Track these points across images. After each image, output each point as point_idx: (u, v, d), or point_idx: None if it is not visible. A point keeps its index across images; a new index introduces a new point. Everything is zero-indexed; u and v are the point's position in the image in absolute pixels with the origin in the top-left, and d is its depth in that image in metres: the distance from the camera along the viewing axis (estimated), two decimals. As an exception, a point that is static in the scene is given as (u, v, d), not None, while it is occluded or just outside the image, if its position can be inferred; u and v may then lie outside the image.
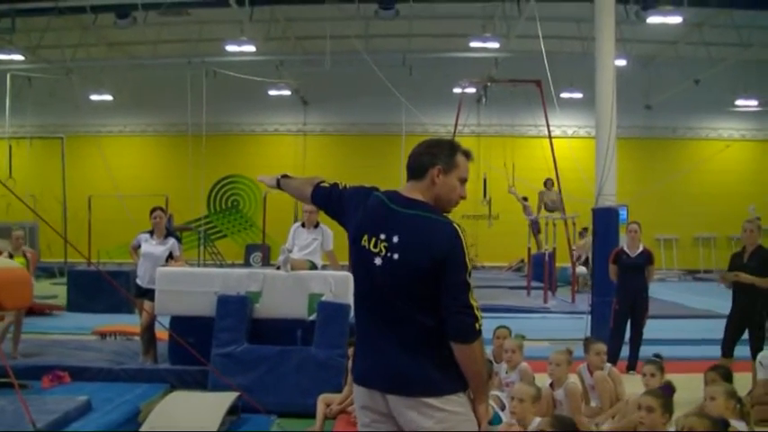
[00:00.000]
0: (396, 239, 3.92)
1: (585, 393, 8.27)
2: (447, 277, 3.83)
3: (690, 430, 5.13)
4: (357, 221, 4.12)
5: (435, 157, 4.04)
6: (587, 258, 22.45)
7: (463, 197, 4.13)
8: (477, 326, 3.86)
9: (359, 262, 4.09)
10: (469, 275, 3.88)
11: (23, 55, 29.50)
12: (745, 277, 9.46)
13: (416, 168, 4.08)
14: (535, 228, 24.75)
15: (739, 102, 32.27)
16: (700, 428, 5.10)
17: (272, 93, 33.46)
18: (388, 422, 3.96)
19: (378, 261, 3.95)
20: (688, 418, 5.29)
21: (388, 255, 3.92)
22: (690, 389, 7.66)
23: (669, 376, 7.39)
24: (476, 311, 3.86)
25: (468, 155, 4.13)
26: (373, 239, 3.99)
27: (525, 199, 26.53)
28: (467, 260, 3.88)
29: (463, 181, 4.10)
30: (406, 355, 3.86)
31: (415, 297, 3.87)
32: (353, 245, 4.12)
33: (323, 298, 9.88)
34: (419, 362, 3.85)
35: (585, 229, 22.50)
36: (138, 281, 11.07)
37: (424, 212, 3.97)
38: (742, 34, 28.36)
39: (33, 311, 16.07)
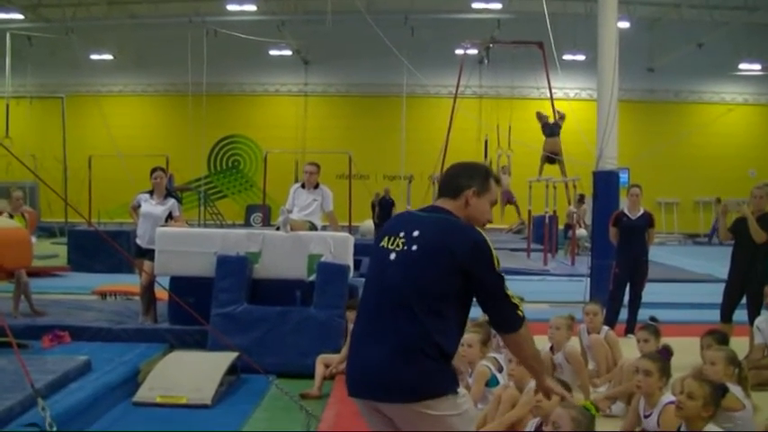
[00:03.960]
0: (416, 234, 3.95)
1: (584, 354, 8.28)
2: (480, 281, 3.89)
3: (689, 395, 5.13)
4: (380, 233, 4.18)
5: (471, 179, 4.12)
6: (583, 222, 22.56)
7: (490, 220, 4.23)
8: (519, 313, 3.97)
9: (373, 263, 4.13)
10: (498, 265, 3.94)
11: (23, 14, 29.37)
12: (747, 212, 9.43)
13: (451, 188, 4.15)
14: (505, 197, 24.96)
15: (743, 66, 32.20)
16: (699, 393, 5.11)
17: (273, 53, 33.38)
18: (387, 421, 3.97)
19: (392, 256, 3.97)
20: (686, 382, 5.29)
21: (405, 248, 3.94)
22: (687, 352, 7.67)
23: (667, 340, 7.38)
24: (513, 300, 3.96)
25: (498, 180, 4.26)
26: (392, 238, 4.03)
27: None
28: (495, 259, 3.92)
29: (492, 204, 4.21)
30: (399, 361, 3.81)
31: (424, 293, 3.84)
32: (372, 252, 4.18)
33: (322, 259, 9.88)
34: (412, 367, 3.80)
35: (583, 196, 22.55)
36: (138, 241, 11.04)
37: (449, 216, 4.04)
38: (747, -3, 28.23)
39: (39, 274, 16.11)
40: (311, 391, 8.26)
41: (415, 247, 3.92)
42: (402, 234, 3.99)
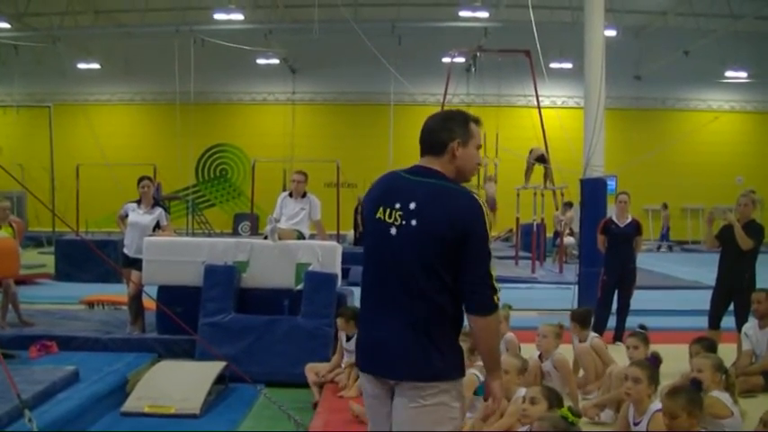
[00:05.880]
0: (413, 206, 3.86)
1: (575, 363, 8.30)
2: (470, 249, 3.80)
3: (671, 415, 5.19)
4: (372, 198, 4.07)
5: (452, 131, 4.01)
6: (570, 229, 22.57)
7: (479, 163, 4.20)
8: (495, 298, 3.86)
9: (373, 236, 4.03)
10: (490, 236, 3.88)
11: (9, 23, 29.23)
12: (733, 220, 9.48)
13: (434, 144, 4.03)
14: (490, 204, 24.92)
15: (729, 73, 32.26)
16: (677, 409, 5.18)
17: (261, 61, 33.32)
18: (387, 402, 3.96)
19: (393, 231, 3.89)
20: (663, 401, 5.37)
21: (404, 222, 3.86)
22: (676, 359, 7.69)
23: (656, 347, 7.41)
24: (494, 283, 3.86)
25: (477, 122, 4.14)
26: (388, 210, 3.93)
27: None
28: (488, 230, 3.85)
29: (478, 148, 4.13)
30: (412, 336, 3.79)
31: (430, 269, 3.81)
32: (368, 222, 4.06)
33: (310, 268, 9.88)
34: (422, 344, 3.79)
35: (568, 204, 22.58)
36: (126, 250, 11.02)
37: (442, 181, 3.94)
38: (732, 5, 28.31)
39: (24, 282, 16.04)
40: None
41: (414, 222, 3.85)
42: (398, 206, 3.90)
